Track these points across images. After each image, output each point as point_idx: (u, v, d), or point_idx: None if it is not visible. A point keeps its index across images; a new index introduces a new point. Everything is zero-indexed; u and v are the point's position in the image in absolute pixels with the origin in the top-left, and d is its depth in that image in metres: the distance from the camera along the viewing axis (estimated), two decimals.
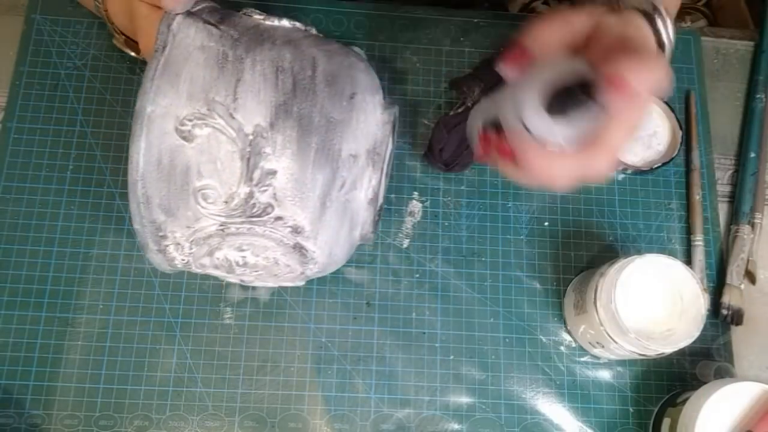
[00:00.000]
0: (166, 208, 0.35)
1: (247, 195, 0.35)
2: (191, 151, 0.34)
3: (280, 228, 0.36)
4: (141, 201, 0.35)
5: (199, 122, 0.34)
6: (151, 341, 0.48)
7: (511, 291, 0.51)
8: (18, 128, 0.52)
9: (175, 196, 0.35)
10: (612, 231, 0.54)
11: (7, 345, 0.47)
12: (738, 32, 0.62)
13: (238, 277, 0.40)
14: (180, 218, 0.36)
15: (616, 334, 0.44)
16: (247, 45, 0.36)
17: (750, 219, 0.54)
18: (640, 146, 0.56)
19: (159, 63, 0.34)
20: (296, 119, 0.35)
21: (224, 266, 0.38)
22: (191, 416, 0.47)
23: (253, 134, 0.34)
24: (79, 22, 0.55)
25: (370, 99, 0.39)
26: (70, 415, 0.46)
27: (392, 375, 0.49)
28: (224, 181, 0.34)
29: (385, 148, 0.40)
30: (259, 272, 0.39)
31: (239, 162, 0.34)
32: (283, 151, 0.35)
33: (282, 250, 0.37)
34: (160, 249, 0.37)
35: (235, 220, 0.35)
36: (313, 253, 0.38)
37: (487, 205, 0.53)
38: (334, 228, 0.38)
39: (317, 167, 0.35)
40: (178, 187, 0.35)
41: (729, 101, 0.59)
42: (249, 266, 0.38)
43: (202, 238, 0.36)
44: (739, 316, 0.51)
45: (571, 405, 0.49)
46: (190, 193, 0.35)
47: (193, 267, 0.39)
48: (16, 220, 0.50)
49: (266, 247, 0.37)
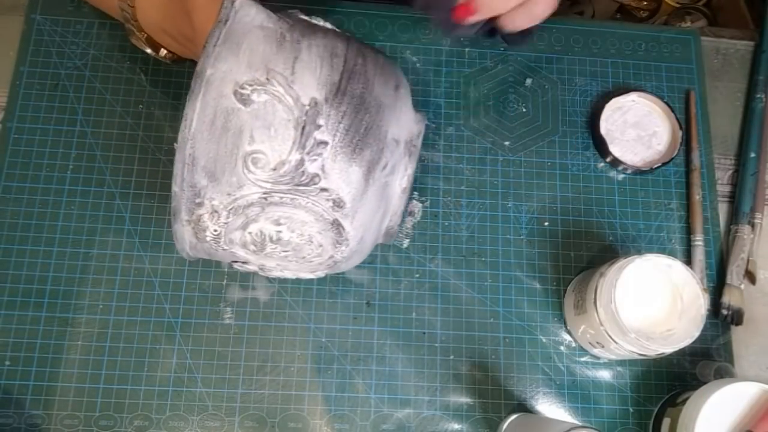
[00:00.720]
0: (211, 172, 0.35)
1: (298, 162, 0.35)
2: (246, 115, 0.35)
3: (322, 201, 0.36)
4: (187, 161, 0.35)
5: (258, 88, 0.35)
6: (151, 341, 0.48)
7: (511, 291, 0.51)
8: (18, 128, 0.52)
9: (222, 159, 0.35)
10: (612, 231, 0.54)
11: (7, 345, 0.47)
12: (738, 32, 0.62)
13: (262, 260, 0.40)
14: (223, 184, 0.36)
15: (616, 334, 0.44)
16: (302, 31, 0.37)
17: (750, 219, 0.54)
18: (640, 146, 0.56)
19: (221, 32, 0.35)
20: (350, 97, 0.36)
21: (256, 242, 0.38)
22: (191, 416, 0.47)
23: (309, 105, 0.35)
24: (79, 22, 0.55)
25: (408, 95, 0.41)
26: (70, 415, 0.46)
27: (392, 375, 0.49)
28: (275, 148, 0.35)
29: (419, 143, 0.41)
30: (287, 253, 0.39)
31: (293, 131, 0.35)
32: (336, 126, 0.36)
33: (319, 226, 0.37)
34: (191, 219, 0.37)
35: (281, 188, 0.36)
36: (348, 234, 0.38)
37: (487, 205, 0.53)
38: (371, 210, 0.39)
39: (365, 144, 0.37)
40: (228, 150, 0.35)
41: (729, 101, 0.59)
42: (281, 243, 0.38)
43: (242, 206, 0.36)
44: (739, 316, 0.51)
45: (571, 405, 0.49)
46: (239, 157, 0.35)
47: (221, 242, 0.38)
48: (16, 220, 0.50)
49: (304, 222, 0.37)
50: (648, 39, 0.60)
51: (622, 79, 0.58)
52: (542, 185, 0.54)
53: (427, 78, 0.56)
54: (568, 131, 0.56)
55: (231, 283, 0.50)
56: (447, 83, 0.56)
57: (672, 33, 0.60)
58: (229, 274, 0.50)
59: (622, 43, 0.59)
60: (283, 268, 0.41)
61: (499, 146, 0.55)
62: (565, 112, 0.57)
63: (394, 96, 0.39)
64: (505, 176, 0.54)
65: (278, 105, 0.35)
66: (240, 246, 0.38)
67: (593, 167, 0.55)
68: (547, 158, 0.55)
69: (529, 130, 0.56)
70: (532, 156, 0.55)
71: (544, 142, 0.56)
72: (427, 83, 0.56)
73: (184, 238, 0.38)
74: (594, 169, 0.55)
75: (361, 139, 0.36)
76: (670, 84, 0.58)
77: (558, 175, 0.55)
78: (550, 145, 0.56)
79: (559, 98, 0.57)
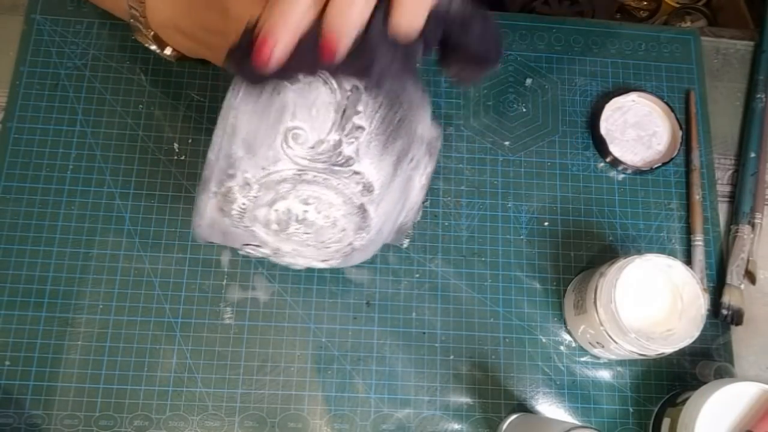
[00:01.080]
0: (249, 144, 0.36)
1: (336, 143, 0.36)
2: (291, 93, 0.35)
3: (353, 184, 0.37)
4: (227, 131, 0.35)
5: None
6: (151, 341, 0.48)
7: (511, 291, 0.51)
8: (18, 128, 0.52)
9: (263, 132, 0.35)
10: (612, 231, 0.54)
11: (7, 345, 0.47)
12: (738, 32, 0.62)
13: (280, 243, 0.40)
14: (259, 157, 0.36)
15: (616, 334, 0.44)
16: None
17: (750, 219, 0.54)
18: (640, 146, 0.56)
19: None
20: (386, 92, 0.37)
21: (281, 220, 0.38)
22: (191, 416, 0.47)
23: (350, 91, 0.36)
24: (79, 22, 0.55)
25: (428, 100, 0.42)
26: (70, 415, 0.46)
27: (392, 375, 0.49)
28: (315, 127, 0.36)
29: (439, 145, 0.42)
30: (309, 235, 0.39)
31: (333, 113, 0.36)
32: (373, 114, 0.36)
33: (346, 209, 0.38)
34: (219, 191, 0.37)
35: (317, 166, 0.36)
36: (371, 220, 0.39)
37: (487, 205, 0.53)
38: (394, 200, 0.39)
39: (397, 135, 0.38)
40: (269, 124, 0.35)
41: (729, 101, 0.59)
42: (306, 224, 0.38)
43: (275, 181, 0.36)
44: (739, 316, 0.51)
45: (571, 405, 0.49)
46: (279, 132, 0.35)
47: (245, 218, 0.38)
48: (16, 220, 0.50)
49: (332, 204, 0.37)
50: (648, 39, 0.60)
51: (622, 79, 0.58)
52: (542, 185, 0.54)
53: (427, 78, 0.56)
54: (568, 131, 0.56)
55: (231, 283, 0.50)
56: (447, 83, 0.56)
57: (672, 33, 0.60)
58: (229, 274, 0.50)
59: (622, 43, 0.59)
60: (298, 254, 0.40)
61: (499, 146, 0.55)
62: (565, 112, 0.57)
63: (421, 97, 0.40)
64: (505, 176, 0.54)
65: (322, 87, 0.35)
66: (262, 225, 0.38)
67: (593, 167, 0.55)
68: (547, 158, 0.55)
69: (529, 130, 0.56)
70: (532, 156, 0.55)
71: (544, 142, 0.56)
72: (427, 83, 0.56)
73: (206, 212, 0.38)
74: (594, 169, 0.55)
75: (394, 130, 0.37)
76: (670, 84, 0.58)
77: (558, 175, 0.55)
78: (550, 145, 0.56)
79: (559, 98, 0.57)
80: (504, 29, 0.59)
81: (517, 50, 0.58)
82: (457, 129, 0.55)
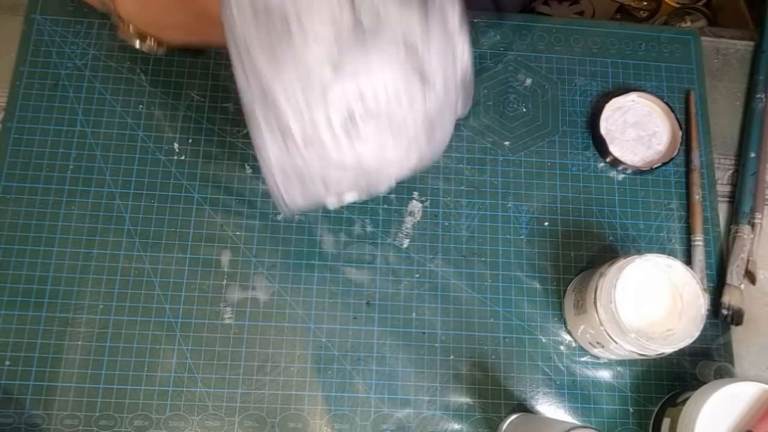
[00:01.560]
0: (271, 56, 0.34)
1: (353, 22, 0.34)
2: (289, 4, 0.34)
3: (392, 47, 0.35)
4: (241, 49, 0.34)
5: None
6: (151, 341, 0.48)
7: (511, 291, 0.51)
8: (18, 128, 0.52)
9: (276, 43, 0.34)
10: (612, 231, 0.54)
11: (7, 345, 0.47)
12: (738, 32, 0.62)
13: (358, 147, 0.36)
14: (285, 71, 0.34)
15: (616, 334, 0.44)
16: None
17: (750, 219, 0.54)
18: (640, 146, 0.56)
19: None
20: None
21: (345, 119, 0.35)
22: (191, 416, 0.47)
23: None
24: (79, 22, 0.55)
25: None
26: (70, 415, 0.46)
27: (392, 375, 0.49)
28: (324, 20, 0.34)
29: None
30: (381, 124, 0.36)
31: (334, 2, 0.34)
32: None
33: (401, 77, 0.35)
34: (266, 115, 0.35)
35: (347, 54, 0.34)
36: (430, 75, 0.36)
37: (487, 205, 0.53)
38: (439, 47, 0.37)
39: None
40: (278, 35, 0.34)
41: (729, 101, 0.59)
42: (371, 114, 0.35)
43: (316, 89, 0.34)
44: (739, 316, 0.51)
45: (571, 405, 0.49)
46: (292, 34, 0.34)
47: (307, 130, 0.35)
48: (16, 220, 0.50)
49: (385, 81, 0.35)
50: (648, 39, 0.60)
51: (622, 79, 0.58)
52: (542, 185, 0.54)
53: None
54: (568, 131, 0.56)
55: (231, 283, 0.50)
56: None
57: (672, 33, 0.60)
58: (229, 274, 0.50)
59: (622, 43, 0.59)
60: (382, 160, 0.37)
61: (499, 146, 0.55)
62: (565, 112, 0.57)
63: None
64: (505, 176, 0.54)
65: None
66: (327, 129, 0.35)
67: (593, 167, 0.55)
68: (547, 158, 0.55)
69: (529, 130, 0.56)
70: (532, 156, 0.55)
71: (544, 142, 0.56)
72: None
73: (269, 155, 0.35)
74: (594, 169, 0.55)
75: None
76: (670, 84, 0.58)
77: (558, 175, 0.55)
78: (550, 145, 0.56)
79: (559, 98, 0.57)
80: (504, 29, 0.59)
81: (517, 50, 0.58)
82: (456, 129, 0.55)
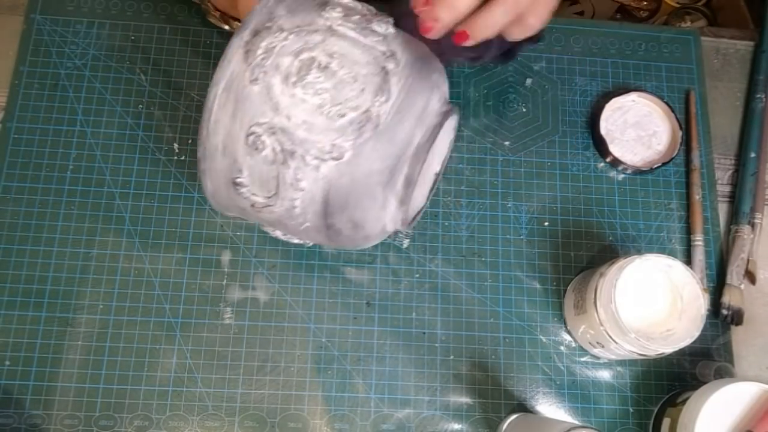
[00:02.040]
0: (291, 9, 0.38)
1: (367, 13, 0.39)
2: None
3: (380, 45, 0.38)
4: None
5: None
6: (151, 341, 0.48)
7: (511, 291, 0.51)
8: (18, 128, 0.52)
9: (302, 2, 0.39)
10: (612, 231, 0.54)
11: (7, 345, 0.47)
12: (738, 32, 0.62)
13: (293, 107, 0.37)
14: (297, 17, 0.38)
15: (616, 334, 0.44)
16: None
17: (750, 219, 0.54)
18: (640, 146, 0.56)
19: None
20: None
21: (303, 67, 0.37)
22: (191, 416, 0.47)
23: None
24: (79, 22, 0.55)
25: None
26: (70, 415, 0.46)
27: (392, 375, 0.49)
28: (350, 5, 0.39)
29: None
30: (326, 90, 0.37)
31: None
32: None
33: (369, 69, 0.38)
34: (250, 39, 0.38)
35: (348, 24, 0.38)
36: (392, 87, 0.38)
37: (487, 205, 0.53)
38: (414, 96, 0.39)
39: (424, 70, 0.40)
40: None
41: (729, 101, 0.59)
42: (326, 73, 0.37)
43: (307, 32, 0.38)
44: (739, 316, 0.51)
45: (571, 405, 0.49)
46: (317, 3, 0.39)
47: (268, 61, 0.37)
48: (16, 220, 0.50)
49: (356, 61, 0.38)
50: (648, 39, 0.60)
51: (622, 79, 0.58)
52: (542, 185, 0.54)
53: None
54: (568, 131, 0.56)
55: (231, 283, 0.50)
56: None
57: (672, 33, 0.60)
58: (229, 274, 0.50)
59: (622, 43, 0.59)
60: (307, 129, 0.37)
61: (499, 146, 0.55)
62: (565, 112, 0.57)
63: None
64: (505, 176, 0.54)
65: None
66: (282, 76, 0.37)
67: (593, 167, 0.55)
68: (547, 158, 0.55)
69: (529, 130, 0.56)
70: (532, 156, 0.55)
71: (544, 142, 0.56)
72: None
73: (232, 61, 0.38)
74: (594, 169, 0.55)
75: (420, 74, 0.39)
76: (670, 84, 0.58)
77: (558, 175, 0.55)
78: (550, 145, 0.56)
79: (559, 98, 0.57)
80: None
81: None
82: (457, 129, 0.55)
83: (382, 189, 0.39)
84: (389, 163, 0.38)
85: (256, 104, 0.37)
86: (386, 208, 0.40)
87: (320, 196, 0.38)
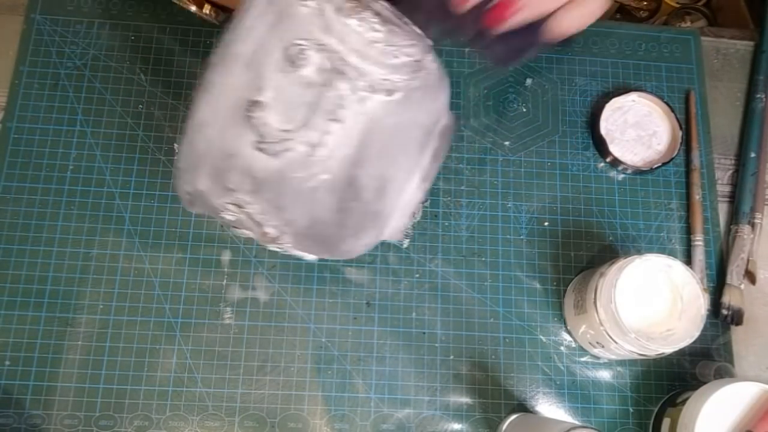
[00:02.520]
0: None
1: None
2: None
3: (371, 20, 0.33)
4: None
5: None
6: (151, 341, 0.48)
7: (511, 291, 0.51)
8: (18, 128, 0.52)
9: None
10: (612, 231, 0.54)
11: (7, 345, 0.47)
12: (738, 32, 0.62)
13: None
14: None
15: (616, 334, 0.44)
16: None
17: (750, 219, 0.54)
18: (640, 146, 0.56)
19: None
20: None
21: (358, 5, 0.33)
22: (191, 416, 0.47)
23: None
24: (79, 22, 0.55)
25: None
26: (70, 415, 0.46)
27: (392, 375, 0.49)
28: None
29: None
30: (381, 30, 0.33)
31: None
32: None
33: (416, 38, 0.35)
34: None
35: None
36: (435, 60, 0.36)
37: (487, 205, 0.53)
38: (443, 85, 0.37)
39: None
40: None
41: (729, 101, 0.59)
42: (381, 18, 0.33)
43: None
44: (739, 316, 0.51)
45: (571, 405, 0.49)
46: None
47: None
48: (16, 220, 0.50)
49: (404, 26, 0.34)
50: (648, 39, 0.60)
51: (622, 79, 0.58)
52: (542, 185, 0.54)
53: None
54: (568, 131, 0.56)
55: (231, 283, 0.50)
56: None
57: (672, 33, 0.60)
58: (229, 274, 0.50)
59: (622, 43, 0.59)
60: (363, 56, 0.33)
61: (499, 146, 0.55)
62: (565, 112, 0.57)
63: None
64: (505, 176, 0.54)
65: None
66: (334, 6, 0.33)
67: (593, 167, 0.55)
68: (547, 158, 0.55)
69: (529, 130, 0.56)
70: (532, 156, 0.55)
71: (544, 142, 0.56)
72: None
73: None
74: (594, 169, 0.55)
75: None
76: (670, 84, 0.58)
77: (558, 175, 0.55)
78: (550, 145, 0.56)
79: (559, 98, 0.57)
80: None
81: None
82: (457, 129, 0.55)
83: (417, 151, 0.35)
84: (430, 122, 0.35)
85: (303, 22, 0.32)
86: (411, 179, 0.36)
87: (357, 136, 0.32)
